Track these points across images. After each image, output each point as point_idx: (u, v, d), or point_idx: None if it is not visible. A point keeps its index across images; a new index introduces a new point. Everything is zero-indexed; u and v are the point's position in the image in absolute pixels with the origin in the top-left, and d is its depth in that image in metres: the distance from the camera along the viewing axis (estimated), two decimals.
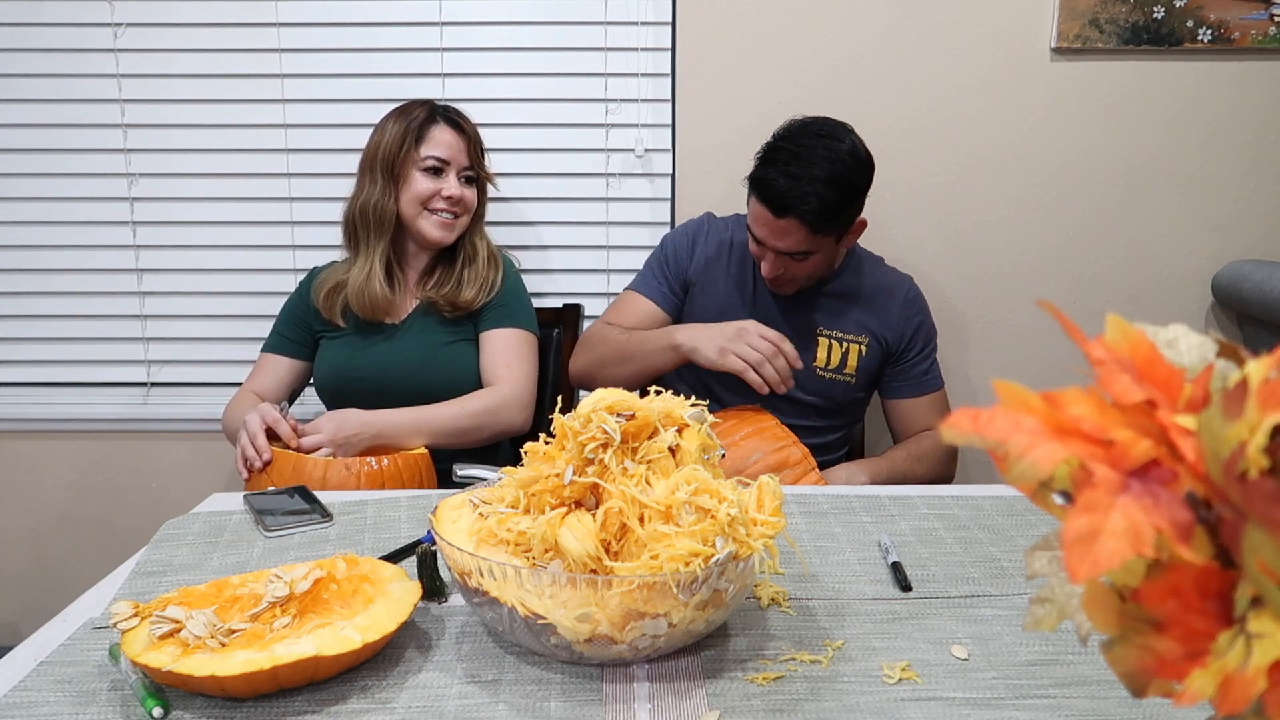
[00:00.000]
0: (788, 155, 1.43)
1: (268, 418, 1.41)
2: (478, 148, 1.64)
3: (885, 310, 1.62)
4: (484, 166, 1.66)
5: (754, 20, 1.84)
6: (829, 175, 1.41)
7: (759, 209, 1.46)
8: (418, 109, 1.61)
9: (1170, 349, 0.39)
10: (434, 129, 1.60)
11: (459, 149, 1.61)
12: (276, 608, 0.79)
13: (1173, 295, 1.94)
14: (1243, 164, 1.88)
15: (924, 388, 1.64)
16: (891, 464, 1.55)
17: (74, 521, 2.06)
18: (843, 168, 1.43)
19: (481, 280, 1.63)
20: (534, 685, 0.75)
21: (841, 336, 1.61)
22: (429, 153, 1.58)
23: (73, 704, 0.72)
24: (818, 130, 1.46)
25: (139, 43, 1.87)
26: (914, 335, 1.63)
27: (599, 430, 0.77)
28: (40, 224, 1.94)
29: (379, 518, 1.10)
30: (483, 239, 1.68)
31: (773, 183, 1.42)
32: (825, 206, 1.42)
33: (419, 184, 1.58)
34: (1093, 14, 1.80)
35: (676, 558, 0.71)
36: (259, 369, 1.67)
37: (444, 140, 1.60)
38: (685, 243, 1.66)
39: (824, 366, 1.60)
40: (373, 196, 1.60)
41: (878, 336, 1.61)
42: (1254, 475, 0.32)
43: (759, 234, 1.49)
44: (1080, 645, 0.65)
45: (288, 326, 1.68)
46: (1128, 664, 0.36)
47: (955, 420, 0.37)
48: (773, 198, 1.43)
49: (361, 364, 1.60)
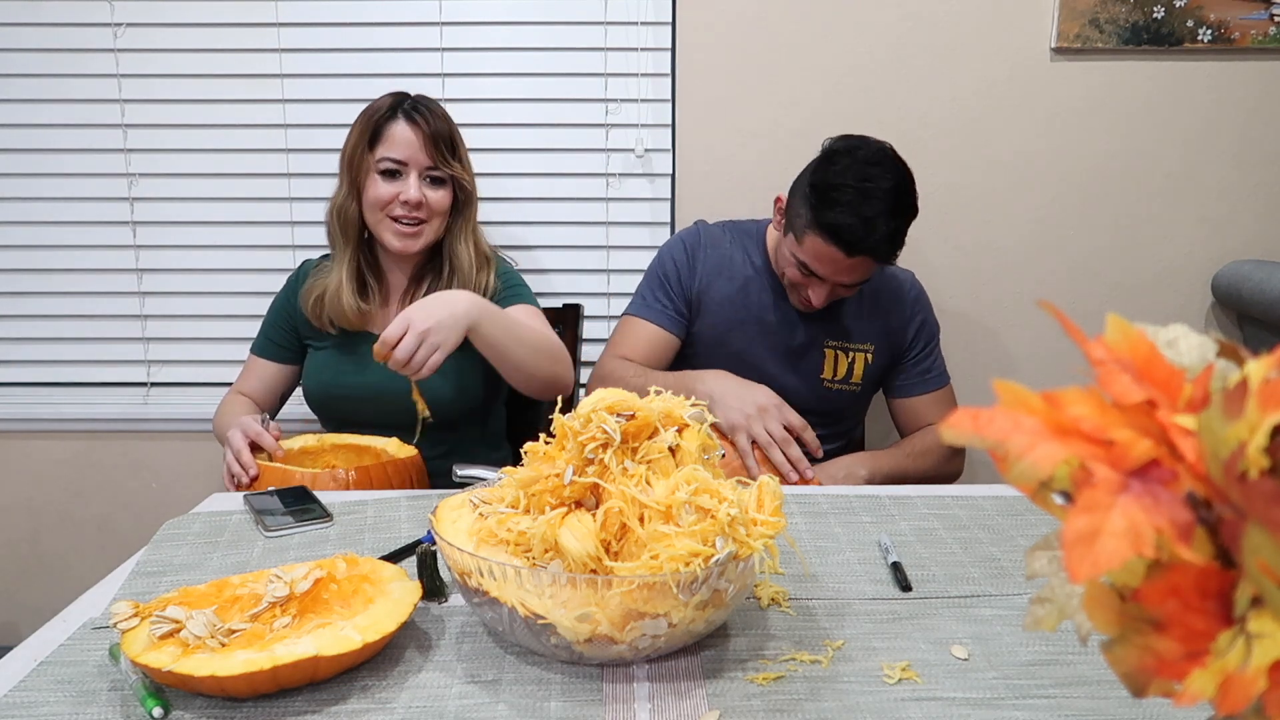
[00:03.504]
0: (853, 194, 1.37)
1: (249, 431, 1.34)
2: (445, 144, 1.49)
3: (890, 313, 1.60)
4: (456, 164, 1.51)
5: (754, 20, 1.84)
6: (893, 208, 1.38)
7: (827, 249, 1.40)
8: (383, 103, 1.50)
9: (1170, 349, 0.39)
10: (392, 126, 1.47)
11: (416, 147, 1.47)
12: (276, 608, 0.79)
13: (1173, 295, 1.94)
14: (1243, 164, 1.88)
15: (928, 385, 1.63)
16: (893, 460, 1.53)
17: (74, 521, 2.06)
18: (904, 196, 1.41)
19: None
20: (534, 685, 0.75)
21: (848, 346, 1.59)
22: (383, 153, 1.47)
23: (73, 704, 0.72)
24: (869, 159, 1.41)
25: (139, 43, 1.87)
26: (916, 334, 1.62)
27: (599, 430, 0.77)
28: (40, 224, 1.94)
29: (379, 518, 1.10)
30: (468, 243, 1.55)
31: (845, 227, 1.37)
32: (895, 239, 1.40)
33: (375, 188, 1.47)
34: (1093, 14, 1.80)
35: (676, 558, 0.71)
36: (247, 371, 1.63)
37: (401, 139, 1.47)
38: (684, 258, 1.61)
39: (831, 379, 1.59)
40: (338, 200, 1.52)
41: (883, 340, 1.60)
42: (1254, 475, 0.32)
43: (823, 271, 1.43)
44: (1080, 645, 0.65)
45: (274, 329, 1.61)
46: (1128, 664, 0.36)
47: (955, 420, 0.37)
48: (846, 241, 1.37)
49: (349, 380, 1.54)
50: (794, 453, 1.36)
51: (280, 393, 1.65)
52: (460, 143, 1.54)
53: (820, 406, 1.57)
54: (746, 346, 1.58)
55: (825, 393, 1.59)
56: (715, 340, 1.59)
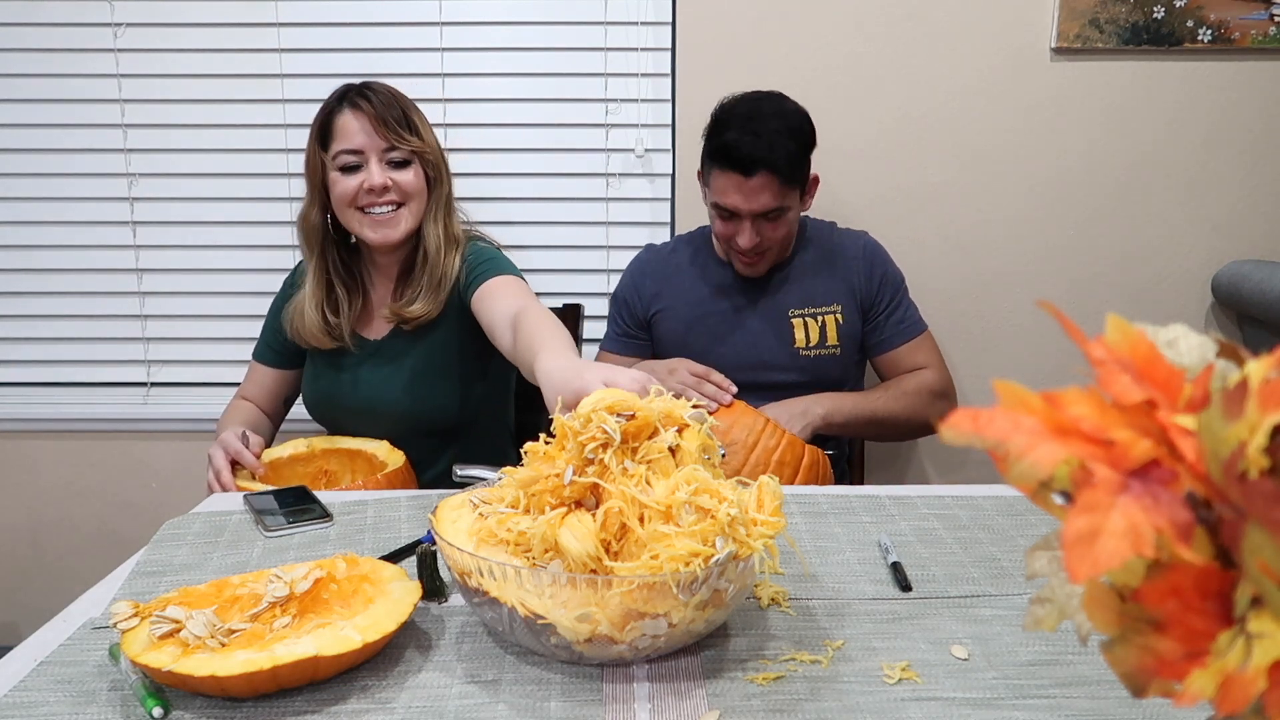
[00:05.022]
0: (741, 118, 1.49)
1: (229, 449, 1.32)
2: (398, 121, 1.40)
3: (848, 270, 1.63)
4: (414, 139, 1.41)
5: (754, 20, 1.84)
6: (786, 128, 1.48)
7: (727, 177, 1.49)
8: (332, 97, 1.43)
9: (1170, 349, 0.39)
10: (339, 119, 1.40)
11: (369, 131, 1.39)
12: (276, 608, 0.79)
13: (1173, 295, 1.94)
14: (1243, 164, 1.88)
15: (905, 334, 1.64)
16: (861, 400, 1.56)
17: (74, 521, 2.06)
18: (795, 119, 1.51)
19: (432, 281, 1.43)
20: (534, 685, 0.75)
21: (814, 311, 1.62)
22: (337, 148, 1.40)
23: (73, 704, 0.72)
24: (756, 96, 1.54)
25: (139, 43, 1.87)
26: (880, 286, 1.64)
27: (599, 430, 0.77)
28: (40, 224, 1.94)
29: (379, 518, 1.10)
30: (437, 223, 1.45)
31: (737, 144, 1.46)
32: (791, 156, 1.48)
33: (339, 185, 1.41)
34: (1093, 14, 1.80)
35: (676, 558, 0.71)
36: (250, 376, 1.62)
37: (350, 128, 1.39)
38: (632, 287, 1.70)
39: (806, 346, 1.61)
40: (302, 208, 1.47)
41: (849, 299, 1.62)
42: (1254, 475, 0.32)
43: (731, 203, 1.50)
44: (1080, 645, 0.65)
45: (272, 335, 1.59)
46: (1128, 664, 0.36)
47: (955, 420, 0.37)
48: (741, 158, 1.46)
49: (345, 389, 1.51)
50: (709, 389, 1.43)
51: (283, 397, 1.64)
52: (418, 118, 1.45)
53: (805, 376, 1.60)
54: (710, 340, 1.63)
55: (806, 361, 1.61)
56: (678, 342, 1.65)
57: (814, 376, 1.61)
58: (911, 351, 1.64)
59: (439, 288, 1.44)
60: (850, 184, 1.89)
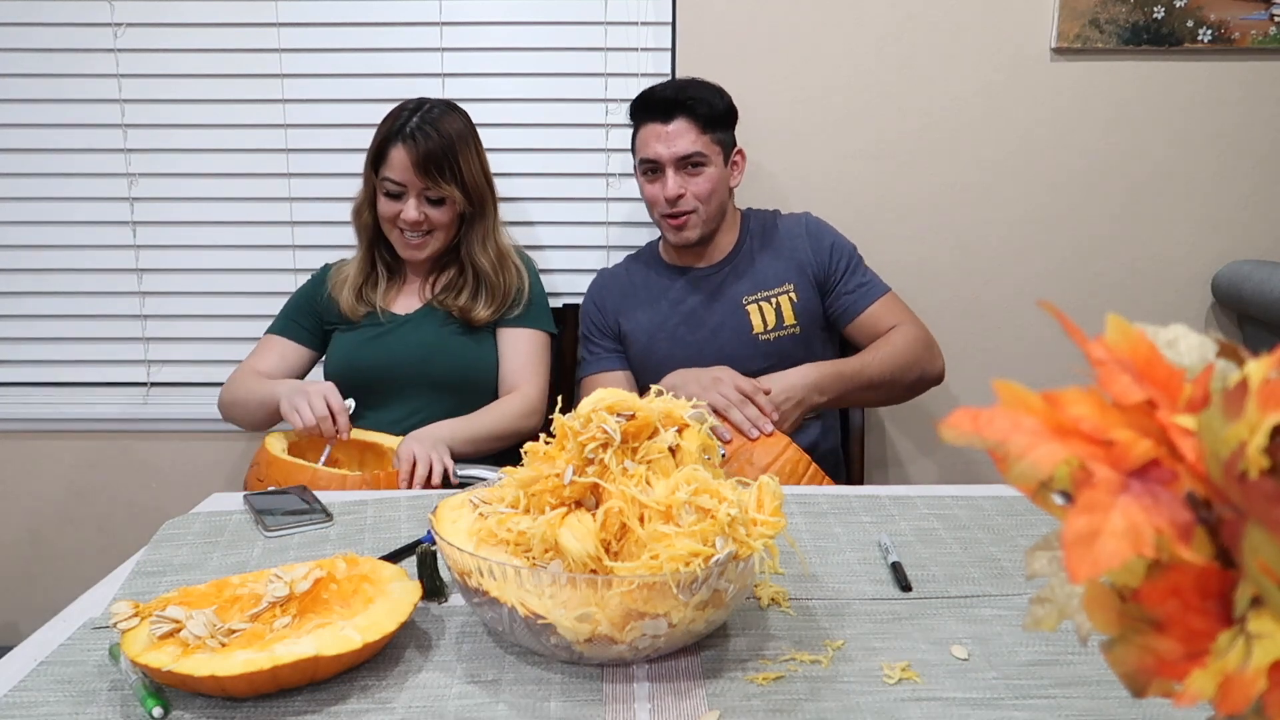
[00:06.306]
0: (661, 83, 1.64)
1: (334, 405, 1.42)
2: (438, 165, 1.54)
3: (794, 248, 1.65)
4: (451, 185, 1.55)
5: (754, 21, 1.84)
6: (705, 84, 1.61)
7: (648, 129, 1.58)
8: (392, 119, 1.56)
9: (1170, 349, 0.39)
10: (392, 150, 1.54)
11: (411, 172, 1.53)
12: (276, 608, 0.79)
13: (1173, 295, 1.94)
14: (1243, 164, 1.88)
15: (870, 296, 1.64)
16: (859, 360, 1.57)
17: (74, 521, 2.06)
18: (715, 87, 1.61)
19: (497, 297, 1.62)
20: (534, 685, 0.75)
21: (767, 295, 1.63)
22: (385, 175, 1.56)
23: (73, 704, 0.72)
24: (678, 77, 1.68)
25: (139, 43, 1.87)
26: (832, 256, 1.65)
27: (599, 430, 0.77)
28: (40, 224, 1.94)
29: (379, 518, 1.10)
30: (487, 248, 1.63)
31: (654, 92, 1.59)
32: (709, 104, 1.57)
33: (382, 204, 1.59)
34: (1093, 14, 1.80)
35: (676, 558, 0.71)
36: (264, 348, 1.67)
37: (398, 163, 1.54)
38: (595, 309, 1.74)
39: (765, 330, 1.62)
40: (357, 202, 1.65)
41: (800, 277, 1.64)
42: (1254, 475, 0.32)
43: (652, 152, 1.57)
44: (1080, 645, 0.65)
45: (299, 313, 1.69)
46: (1128, 664, 0.36)
47: (955, 420, 0.37)
48: (658, 103, 1.57)
49: (367, 355, 1.61)
50: (750, 412, 1.42)
51: (299, 373, 1.69)
52: (461, 156, 1.57)
53: (770, 361, 1.60)
54: (673, 344, 1.65)
55: (767, 346, 1.62)
56: (643, 353, 1.68)
57: (779, 359, 1.61)
58: (881, 312, 1.64)
59: (504, 301, 1.64)
60: (850, 184, 1.90)
